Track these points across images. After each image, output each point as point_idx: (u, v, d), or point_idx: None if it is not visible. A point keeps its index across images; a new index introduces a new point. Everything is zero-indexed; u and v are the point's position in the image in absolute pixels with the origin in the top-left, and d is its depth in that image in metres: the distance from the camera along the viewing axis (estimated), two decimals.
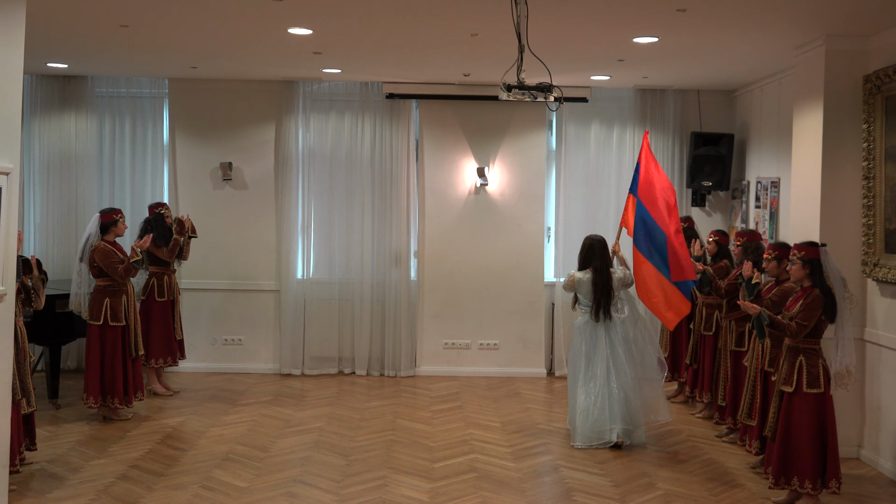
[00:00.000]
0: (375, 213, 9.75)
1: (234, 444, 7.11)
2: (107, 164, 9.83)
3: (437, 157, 9.83)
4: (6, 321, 4.77)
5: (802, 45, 7.06)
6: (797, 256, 5.67)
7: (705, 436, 7.55)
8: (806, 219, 7.06)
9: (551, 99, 5.77)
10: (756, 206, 8.87)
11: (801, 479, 5.57)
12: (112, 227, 7.68)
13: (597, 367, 7.09)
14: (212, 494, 5.91)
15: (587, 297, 7.18)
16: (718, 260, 7.98)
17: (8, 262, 4.73)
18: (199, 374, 9.69)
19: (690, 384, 8.33)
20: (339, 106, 9.82)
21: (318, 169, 9.83)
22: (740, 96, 9.61)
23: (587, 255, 7.22)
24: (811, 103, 7.03)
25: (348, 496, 5.91)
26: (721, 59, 7.83)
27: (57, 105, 9.75)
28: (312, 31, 6.95)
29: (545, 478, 6.45)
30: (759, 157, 8.98)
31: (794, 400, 5.62)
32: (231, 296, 9.87)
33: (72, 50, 8.11)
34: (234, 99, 9.80)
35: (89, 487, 6.00)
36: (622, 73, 8.73)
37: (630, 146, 9.82)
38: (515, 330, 9.86)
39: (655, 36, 6.88)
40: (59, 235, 9.76)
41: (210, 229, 9.51)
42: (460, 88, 9.59)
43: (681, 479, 6.40)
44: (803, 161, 7.17)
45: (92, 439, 7.17)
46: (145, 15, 6.53)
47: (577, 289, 7.22)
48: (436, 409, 8.32)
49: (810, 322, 5.55)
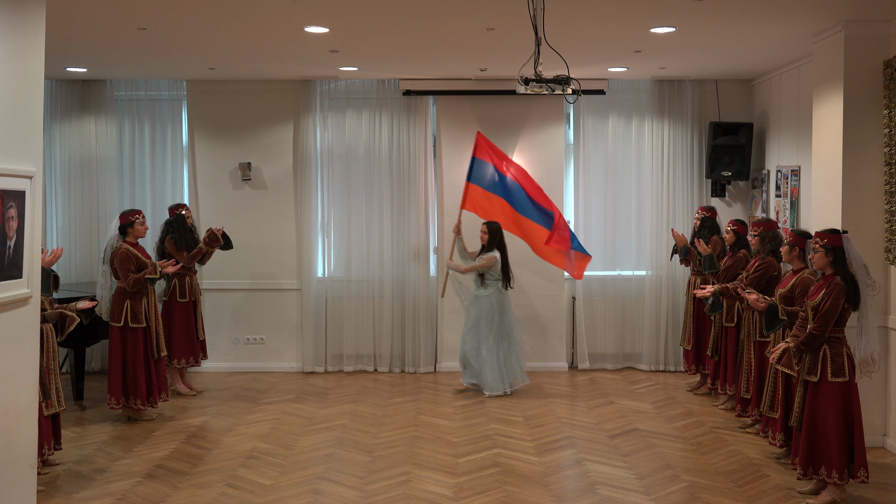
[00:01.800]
0: (394, 209, 9.77)
1: (257, 442, 7.15)
2: (127, 166, 9.90)
3: (454, 152, 9.83)
4: (32, 323, 4.81)
5: (821, 31, 7.01)
6: (820, 244, 5.62)
7: (728, 427, 7.52)
8: (827, 207, 7.01)
9: (569, 91, 5.74)
10: (776, 196, 8.81)
11: (829, 469, 5.53)
12: (130, 229, 7.72)
13: (501, 330, 8.65)
14: (237, 492, 5.95)
15: (497, 272, 8.63)
16: (737, 250, 7.95)
17: (33, 265, 4.77)
18: (221, 373, 9.75)
19: (713, 376, 8.30)
20: (357, 104, 9.84)
21: (336, 167, 9.86)
22: (759, 85, 9.54)
23: (500, 239, 8.68)
24: (831, 90, 6.97)
25: (372, 492, 5.93)
26: (739, 48, 7.78)
27: (77, 109, 9.83)
28: (329, 30, 6.96)
29: (568, 471, 6.45)
30: (779, 145, 8.92)
31: (820, 389, 5.58)
32: (252, 295, 9.92)
33: (91, 54, 8.17)
34: (252, 99, 9.84)
35: (116, 487, 6.06)
36: (639, 64, 8.69)
37: (648, 138, 9.79)
38: (536, 324, 9.84)
39: (673, 26, 6.85)
40: (82, 238, 9.85)
41: (230, 229, 9.55)
42: (477, 83, 9.59)
43: (705, 470, 6.37)
44: (824, 149, 7.12)
45: (117, 439, 7.23)
46: (163, 17, 6.57)
47: (493, 266, 8.58)
48: (458, 405, 8.33)
49: (836, 311, 5.50)
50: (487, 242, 8.67)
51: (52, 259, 6.42)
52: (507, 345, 8.70)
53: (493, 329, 8.63)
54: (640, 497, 5.82)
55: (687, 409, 8.17)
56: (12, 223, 4.52)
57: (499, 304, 8.68)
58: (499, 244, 8.67)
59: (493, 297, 8.65)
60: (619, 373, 9.78)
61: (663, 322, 9.83)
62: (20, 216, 4.60)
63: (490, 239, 8.65)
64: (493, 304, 8.65)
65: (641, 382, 9.29)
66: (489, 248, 8.66)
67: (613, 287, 9.92)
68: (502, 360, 8.69)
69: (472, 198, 9.03)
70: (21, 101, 4.66)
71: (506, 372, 8.71)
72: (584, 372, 9.76)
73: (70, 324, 6.39)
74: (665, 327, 9.83)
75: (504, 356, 8.70)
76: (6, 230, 4.45)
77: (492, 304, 8.65)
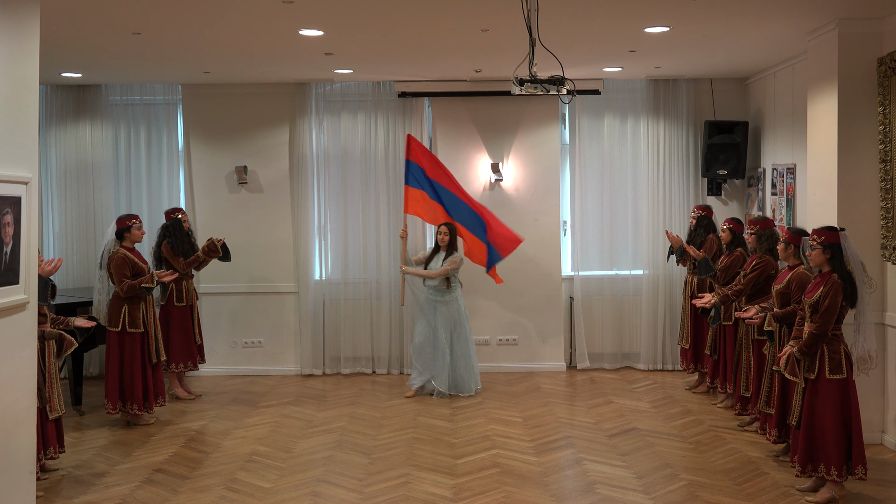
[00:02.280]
0: (391, 211, 9.77)
1: (256, 445, 7.14)
2: (123, 171, 9.89)
3: (450, 153, 9.83)
4: (29, 329, 4.81)
5: (815, 29, 7.02)
6: (817, 241, 5.63)
7: (727, 426, 7.53)
8: (823, 204, 7.02)
9: (564, 92, 5.75)
10: (772, 194, 8.83)
11: (828, 466, 5.54)
12: (126, 234, 7.71)
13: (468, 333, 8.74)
14: (237, 496, 5.95)
15: (457, 274, 8.71)
16: (733, 248, 7.96)
17: (30, 271, 4.77)
18: (219, 377, 9.75)
19: (711, 374, 8.31)
20: (352, 106, 9.85)
21: (332, 170, 9.86)
22: (753, 83, 9.56)
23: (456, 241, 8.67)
24: (825, 88, 6.99)
25: (372, 494, 5.93)
26: (733, 46, 7.80)
27: (72, 114, 9.83)
28: (323, 32, 6.96)
29: (568, 471, 6.45)
30: (775, 144, 8.94)
31: (818, 387, 5.59)
32: (250, 299, 9.91)
33: (85, 59, 8.17)
34: (248, 103, 9.84)
35: (115, 492, 6.05)
36: (634, 63, 8.71)
37: (644, 137, 9.80)
38: (534, 324, 9.85)
39: (667, 25, 6.86)
40: (78, 243, 9.85)
41: (227, 233, 9.55)
42: (472, 85, 9.60)
43: (704, 469, 6.38)
44: (819, 146, 7.13)
45: (116, 444, 7.23)
46: (157, 22, 6.57)
47: (458, 268, 8.65)
48: (456, 406, 8.33)
49: (835, 309, 5.51)
50: (448, 244, 8.60)
51: (51, 270, 6.40)
52: (467, 348, 8.71)
53: (462, 331, 8.67)
54: (639, 496, 5.83)
55: (685, 407, 8.18)
56: (8, 229, 4.53)
57: (464, 307, 8.77)
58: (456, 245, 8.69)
59: (460, 299, 8.71)
60: (617, 372, 9.78)
61: (661, 321, 9.83)
62: (16, 222, 4.60)
63: (451, 240, 8.60)
64: (461, 306, 8.71)
65: (639, 382, 9.30)
66: (450, 249, 8.60)
67: (611, 286, 9.92)
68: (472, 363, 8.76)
69: (414, 201, 8.90)
70: (16, 107, 4.67)
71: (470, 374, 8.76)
72: (583, 372, 9.77)
73: (68, 347, 6.36)
74: (662, 326, 9.84)
75: (464, 360, 8.71)
76: (2, 236, 4.46)
77: (460, 307, 8.68)
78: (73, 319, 6.72)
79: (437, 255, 8.65)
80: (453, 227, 8.67)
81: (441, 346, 8.59)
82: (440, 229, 8.66)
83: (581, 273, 9.88)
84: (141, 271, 7.68)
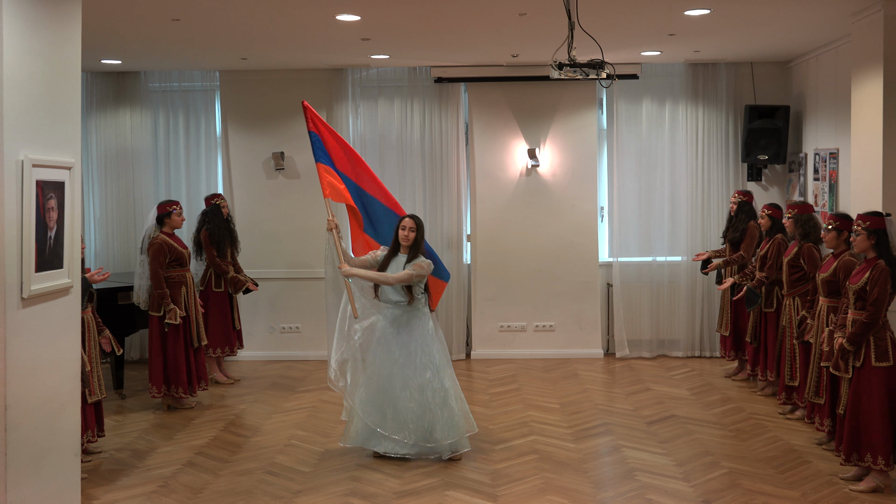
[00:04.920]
0: (427, 197, 9.75)
1: (295, 429, 7.19)
2: (162, 157, 9.97)
3: (487, 139, 9.79)
4: (73, 313, 4.87)
5: (859, 11, 6.88)
6: (862, 227, 5.54)
7: (768, 413, 7.44)
8: (867, 189, 6.89)
9: (604, 76, 5.69)
10: (815, 179, 8.69)
11: (874, 455, 5.45)
12: (167, 219, 7.78)
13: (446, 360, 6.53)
14: (277, 479, 5.99)
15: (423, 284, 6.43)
16: (773, 234, 7.85)
17: (73, 255, 4.82)
18: (258, 362, 9.81)
19: (752, 362, 8.21)
20: (388, 92, 9.83)
21: (369, 155, 9.84)
22: (795, 67, 9.40)
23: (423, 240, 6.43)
24: (870, 71, 6.85)
25: (411, 479, 5.95)
26: (775, 29, 7.67)
27: (112, 101, 9.92)
28: (360, 18, 6.95)
29: (607, 458, 6.42)
30: (817, 128, 8.79)
31: (863, 374, 5.50)
32: (287, 284, 9.96)
33: (125, 46, 8.23)
34: (285, 89, 9.86)
35: (157, 474, 6.13)
36: (673, 47, 8.60)
37: (683, 122, 9.69)
38: (571, 311, 9.80)
39: (707, 8, 6.75)
40: (119, 229, 9.96)
41: (264, 219, 9.61)
42: (508, 70, 9.54)
43: (745, 457, 6.32)
44: (863, 130, 7.00)
45: (157, 427, 7.31)
46: (196, 8, 6.60)
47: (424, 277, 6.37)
48: (493, 392, 8.32)
49: (885, 297, 5.41)
50: (413, 242, 6.31)
51: (99, 279, 6.68)
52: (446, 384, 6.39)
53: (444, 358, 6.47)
54: (679, 483, 5.79)
55: (725, 395, 8.10)
56: (52, 214, 4.57)
57: (433, 329, 6.43)
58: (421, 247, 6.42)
59: (430, 315, 6.45)
60: (654, 359, 9.71)
61: (698, 308, 9.74)
62: (60, 207, 4.65)
63: (417, 237, 6.32)
64: (433, 325, 6.44)
65: (677, 369, 9.23)
66: (414, 251, 6.32)
67: (649, 273, 9.83)
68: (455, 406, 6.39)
69: (330, 182, 6.69)
70: (59, 93, 4.71)
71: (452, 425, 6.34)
72: (621, 359, 9.71)
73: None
74: (700, 313, 9.74)
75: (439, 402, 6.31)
76: (46, 221, 4.50)
77: (433, 326, 6.42)
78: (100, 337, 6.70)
79: (396, 258, 6.35)
80: (420, 221, 6.41)
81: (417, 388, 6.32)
82: (404, 223, 6.34)
83: (620, 259, 9.80)
84: (180, 256, 7.75)
